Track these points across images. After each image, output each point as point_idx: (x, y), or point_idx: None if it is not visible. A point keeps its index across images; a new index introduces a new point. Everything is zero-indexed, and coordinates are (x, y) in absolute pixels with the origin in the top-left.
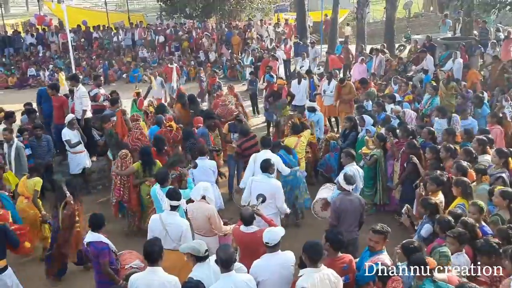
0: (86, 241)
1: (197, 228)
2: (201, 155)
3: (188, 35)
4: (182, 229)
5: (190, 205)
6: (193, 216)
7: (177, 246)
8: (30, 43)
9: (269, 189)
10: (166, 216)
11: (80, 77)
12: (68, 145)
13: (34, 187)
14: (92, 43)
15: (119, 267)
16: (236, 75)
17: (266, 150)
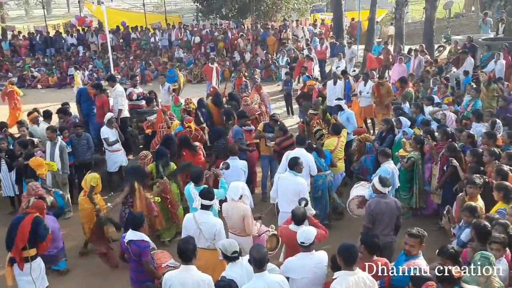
0: (126, 239)
1: (231, 227)
2: (233, 155)
3: (223, 36)
4: (216, 228)
5: (226, 204)
6: (228, 215)
7: (210, 245)
8: (71, 43)
9: (294, 187)
10: (199, 215)
11: (118, 77)
12: (106, 143)
13: (91, 182)
14: (130, 43)
15: (156, 266)
16: (271, 75)
17: (301, 148)
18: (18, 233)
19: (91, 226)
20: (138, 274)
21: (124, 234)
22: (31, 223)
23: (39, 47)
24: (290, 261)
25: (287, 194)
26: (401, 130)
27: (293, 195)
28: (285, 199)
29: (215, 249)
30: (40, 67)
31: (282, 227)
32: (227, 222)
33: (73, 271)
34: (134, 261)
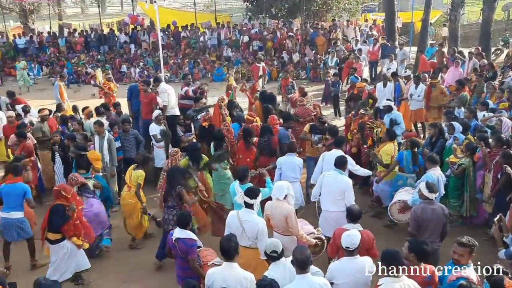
0: (174, 237)
1: (275, 226)
2: (290, 152)
3: (272, 35)
4: (259, 227)
5: (269, 202)
6: (271, 214)
7: (252, 244)
8: (124, 41)
9: (339, 186)
10: (243, 213)
11: (168, 75)
12: (154, 139)
13: (137, 179)
14: (180, 42)
15: (202, 264)
16: (318, 75)
17: (338, 150)
18: (45, 219)
19: (133, 221)
20: (184, 271)
21: (172, 231)
22: (49, 209)
23: (93, 44)
24: (332, 266)
25: (332, 193)
26: (453, 136)
27: (337, 193)
28: (329, 197)
29: (257, 248)
30: (94, 64)
31: (337, 229)
32: (272, 221)
33: (118, 262)
34: (180, 258)
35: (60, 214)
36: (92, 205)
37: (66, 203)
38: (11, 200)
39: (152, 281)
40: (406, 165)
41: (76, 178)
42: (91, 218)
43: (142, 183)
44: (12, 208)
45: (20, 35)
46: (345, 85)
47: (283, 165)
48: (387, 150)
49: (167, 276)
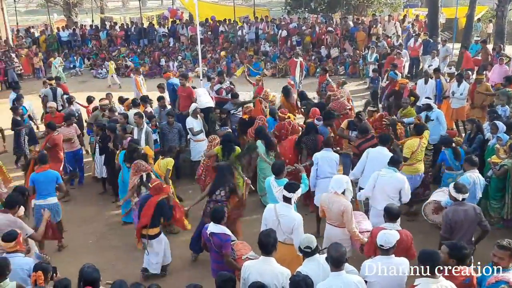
0: (209, 231)
1: (329, 218)
2: (327, 147)
3: (311, 30)
4: (295, 223)
5: (326, 194)
6: (328, 207)
7: (287, 239)
8: (163, 34)
9: (395, 184)
10: (280, 207)
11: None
12: (191, 133)
13: (166, 166)
14: (218, 36)
15: (236, 257)
16: (357, 71)
17: (383, 147)
18: (143, 212)
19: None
20: (218, 265)
21: (207, 225)
22: (155, 206)
23: (133, 38)
24: (366, 264)
25: (386, 191)
26: (496, 135)
27: (392, 192)
28: (383, 196)
29: (292, 244)
30: (134, 57)
31: (375, 228)
32: (326, 213)
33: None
34: (215, 252)
35: (167, 208)
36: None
37: (166, 196)
38: (45, 187)
39: (187, 273)
40: (452, 163)
41: (144, 166)
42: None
43: (171, 169)
44: (47, 194)
45: (63, 28)
46: (385, 81)
47: (319, 160)
48: (410, 144)
49: (201, 269)
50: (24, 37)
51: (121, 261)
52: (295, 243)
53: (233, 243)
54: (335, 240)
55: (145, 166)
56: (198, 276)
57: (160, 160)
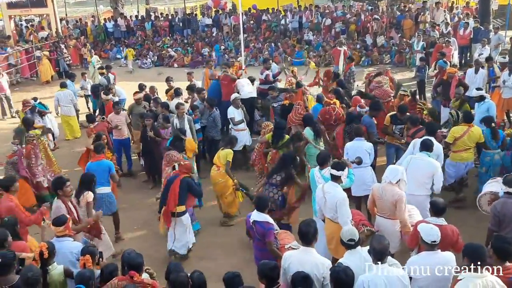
0: (252, 219)
1: (381, 209)
2: (358, 136)
3: (356, 18)
4: (336, 200)
5: (379, 184)
6: (380, 196)
7: (334, 216)
8: (206, 24)
9: (427, 169)
10: (327, 185)
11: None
12: (231, 122)
13: (226, 157)
14: (260, 25)
15: (279, 246)
16: (403, 60)
17: (431, 137)
18: (170, 193)
19: (226, 199)
20: (261, 253)
21: (250, 213)
22: (179, 183)
23: (177, 28)
24: (412, 259)
25: (418, 176)
26: None
27: (424, 176)
28: (415, 181)
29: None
30: (177, 47)
31: (418, 221)
32: (378, 204)
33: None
34: (258, 240)
35: (194, 186)
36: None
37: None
38: (98, 176)
39: (229, 260)
40: (489, 143)
41: (176, 156)
42: None
43: (230, 160)
44: (100, 184)
45: (109, 19)
46: (432, 70)
47: (350, 150)
48: (454, 130)
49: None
50: (72, 28)
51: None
52: (339, 221)
53: (277, 232)
54: (386, 232)
55: (177, 156)
56: (242, 263)
57: (220, 151)
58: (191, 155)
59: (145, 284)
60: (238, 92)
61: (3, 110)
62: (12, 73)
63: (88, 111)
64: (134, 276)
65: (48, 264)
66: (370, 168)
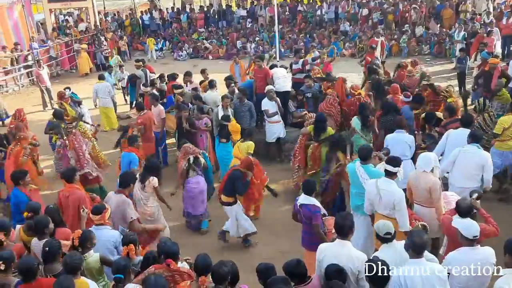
0: (299, 203)
1: (417, 197)
2: (399, 128)
3: (394, 8)
4: (395, 198)
5: (414, 173)
6: (416, 185)
7: (390, 213)
8: (241, 16)
9: (478, 161)
10: (382, 182)
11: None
12: (266, 114)
13: (247, 150)
14: (296, 16)
15: (326, 231)
16: (443, 51)
17: (466, 129)
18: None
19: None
20: (308, 236)
21: (297, 198)
22: (229, 175)
23: (212, 20)
24: (451, 256)
25: (468, 168)
26: None
27: (475, 169)
28: (464, 173)
29: (395, 218)
30: (212, 39)
31: (445, 216)
32: (414, 192)
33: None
34: (305, 223)
35: (239, 181)
36: (199, 183)
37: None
38: (123, 167)
39: (263, 250)
40: None
41: (191, 149)
42: (196, 195)
43: (252, 152)
44: None
45: (146, 12)
46: (473, 61)
47: (390, 142)
48: (503, 120)
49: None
50: (110, 22)
51: (199, 237)
52: (398, 218)
53: (325, 218)
54: (424, 221)
55: (193, 149)
56: (276, 253)
57: (240, 143)
58: (237, 137)
59: (181, 272)
60: (273, 84)
61: (44, 101)
62: (52, 66)
63: (125, 103)
64: (171, 264)
65: (84, 252)
66: (411, 161)
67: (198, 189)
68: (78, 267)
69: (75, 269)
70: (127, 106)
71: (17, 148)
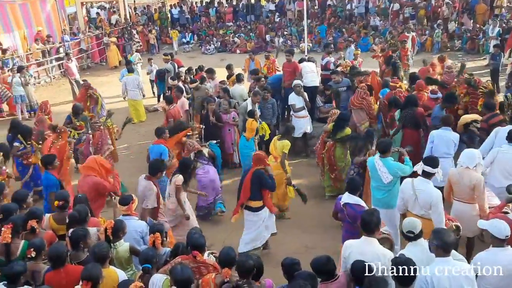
0: (343, 201)
1: (458, 193)
2: (446, 125)
3: (426, 3)
4: (432, 198)
5: (456, 169)
6: (458, 181)
7: (425, 214)
8: (270, 10)
9: None
10: (418, 182)
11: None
12: (292, 109)
13: (282, 149)
14: (325, 11)
15: None
16: (476, 47)
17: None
18: (244, 185)
19: (279, 191)
20: (350, 236)
21: (340, 196)
22: (251, 176)
23: (241, 14)
24: (480, 255)
25: (507, 168)
26: None
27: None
28: (504, 173)
29: (430, 219)
30: (240, 33)
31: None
32: (456, 188)
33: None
34: (348, 222)
35: (265, 178)
36: (208, 172)
37: (263, 167)
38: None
39: (289, 245)
40: None
41: (193, 144)
42: (207, 184)
43: (287, 152)
44: None
45: (175, 6)
46: (507, 58)
47: (435, 138)
48: None
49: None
50: (140, 15)
51: (226, 232)
52: (434, 219)
53: None
54: (464, 217)
55: (194, 145)
56: (301, 249)
57: (276, 141)
58: (250, 134)
59: (207, 264)
60: (301, 78)
61: (74, 93)
62: (83, 58)
63: (153, 96)
64: (197, 256)
65: (115, 241)
66: (452, 160)
67: (208, 178)
68: (106, 256)
69: (103, 258)
70: (155, 99)
71: (61, 142)
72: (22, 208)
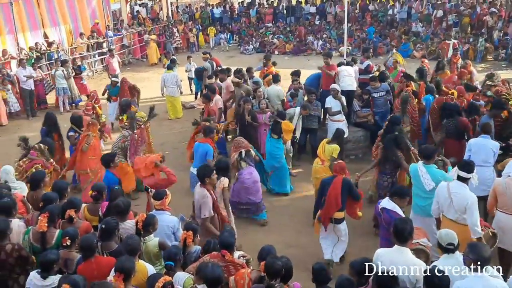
0: (381, 206)
1: (504, 205)
2: (485, 134)
3: (471, 10)
4: (467, 202)
5: (500, 179)
6: (504, 192)
7: (459, 218)
8: (310, 12)
9: None
10: (454, 185)
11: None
12: (328, 112)
13: (331, 153)
14: (366, 15)
15: None
16: None
17: None
18: (330, 195)
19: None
20: (385, 242)
21: (380, 200)
22: (341, 185)
23: (281, 16)
24: None
25: None
26: None
27: None
28: None
29: (465, 224)
30: (279, 35)
31: None
32: (501, 199)
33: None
34: (384, 228)
35: (354, 188)
36: (252, 173)
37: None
38: (197, 157)
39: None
40: None
41: (243, 143)
42: (250, 185)
43: (336, 157)
44: (195, 165)
45: (217, 5)
46: None
47: (473, 146)
48: None
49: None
50: (181, 14)
51: (254, 230)
52: (468, 223)
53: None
54: (507, 229)
55: (244, 143)
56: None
57: (325, 144)
58: (288, 136)
59: (236, 263)
60: (338, 82)
61: None
62: (124, 54)
63: (190, 93)
64: (226, 255)
65: (145, 235)
66: (493, 168)
67: (252, 179)
68: (138, 249)
69: (135, 250)
70: (192, 96)
71: (84, 134)
72: (62, 198)
